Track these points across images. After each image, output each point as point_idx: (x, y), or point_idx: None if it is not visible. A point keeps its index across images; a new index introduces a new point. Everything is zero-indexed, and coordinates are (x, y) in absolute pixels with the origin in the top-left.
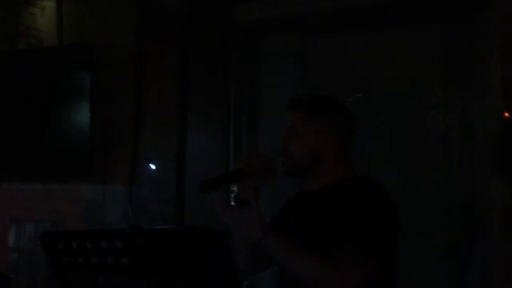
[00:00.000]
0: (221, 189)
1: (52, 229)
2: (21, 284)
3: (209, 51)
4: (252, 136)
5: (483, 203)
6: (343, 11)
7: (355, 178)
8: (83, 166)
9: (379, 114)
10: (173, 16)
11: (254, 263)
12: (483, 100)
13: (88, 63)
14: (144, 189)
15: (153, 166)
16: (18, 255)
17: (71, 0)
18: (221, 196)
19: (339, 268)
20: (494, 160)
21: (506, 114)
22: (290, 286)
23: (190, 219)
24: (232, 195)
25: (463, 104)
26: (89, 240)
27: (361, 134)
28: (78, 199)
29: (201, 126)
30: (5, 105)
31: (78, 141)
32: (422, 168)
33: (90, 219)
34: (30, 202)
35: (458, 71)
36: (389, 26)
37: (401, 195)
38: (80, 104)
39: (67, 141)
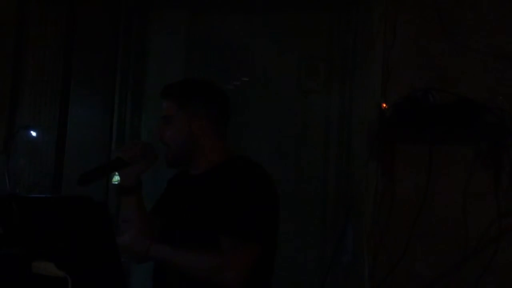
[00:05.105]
0: (100, 180)
1: None
2: None
3: (96, 22)
4: (137, 112)
5: (359, 189)
6: None
7: (233, 161)
8: None
9: (262, 98)
10: None
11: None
12: (363, 89)
13: None
14: (20, 159)
15: (31, 135)
16: None
17: None
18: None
19: (227, 257)
20: (370, 148)
21: (384, 105)
22: (168, 274)
23: (68, 193)
24: (114, 182)
25: (344, 92)
26: None
27: (243, 117)
28: None
29: (84, 98)
30: None
31: None
32: (302, 153)
33: None
34: None
35: (342, 59)
36: (276, 10)
37: (279, 179)
38: None
39: None
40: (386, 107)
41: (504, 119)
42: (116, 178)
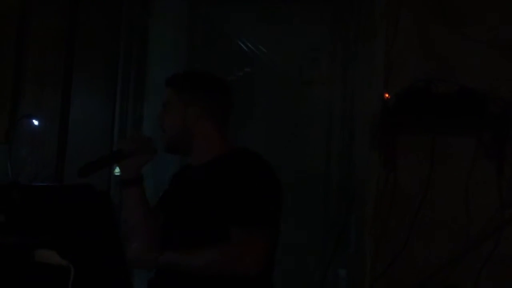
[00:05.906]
0: (102, 170)
1: None
2: None
3: (98, 12)
4: (138, 102)
5: (361, 180)
6: None
7: (235, 152)
8: None
9: (264, 88)
10: None
11: None
12: (366, 80)
13: None
14: (22, 149)
15: (33, 125)
16: None
17: None
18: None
19: (244, 246)
20: (372, 138)
21: (387, 95)
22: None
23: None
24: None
25: (347, 83)
26: None
27: (245, 108)
28: None
29: (86, 89)
30: None
31: None
32: (304, 145)
33: None
34: None
35: (344, 50)
36: (278, 1)
37: (281, 170)
38: None
39: None
40: (389, 97)
41: (507, 110)
42: (118, 169)
